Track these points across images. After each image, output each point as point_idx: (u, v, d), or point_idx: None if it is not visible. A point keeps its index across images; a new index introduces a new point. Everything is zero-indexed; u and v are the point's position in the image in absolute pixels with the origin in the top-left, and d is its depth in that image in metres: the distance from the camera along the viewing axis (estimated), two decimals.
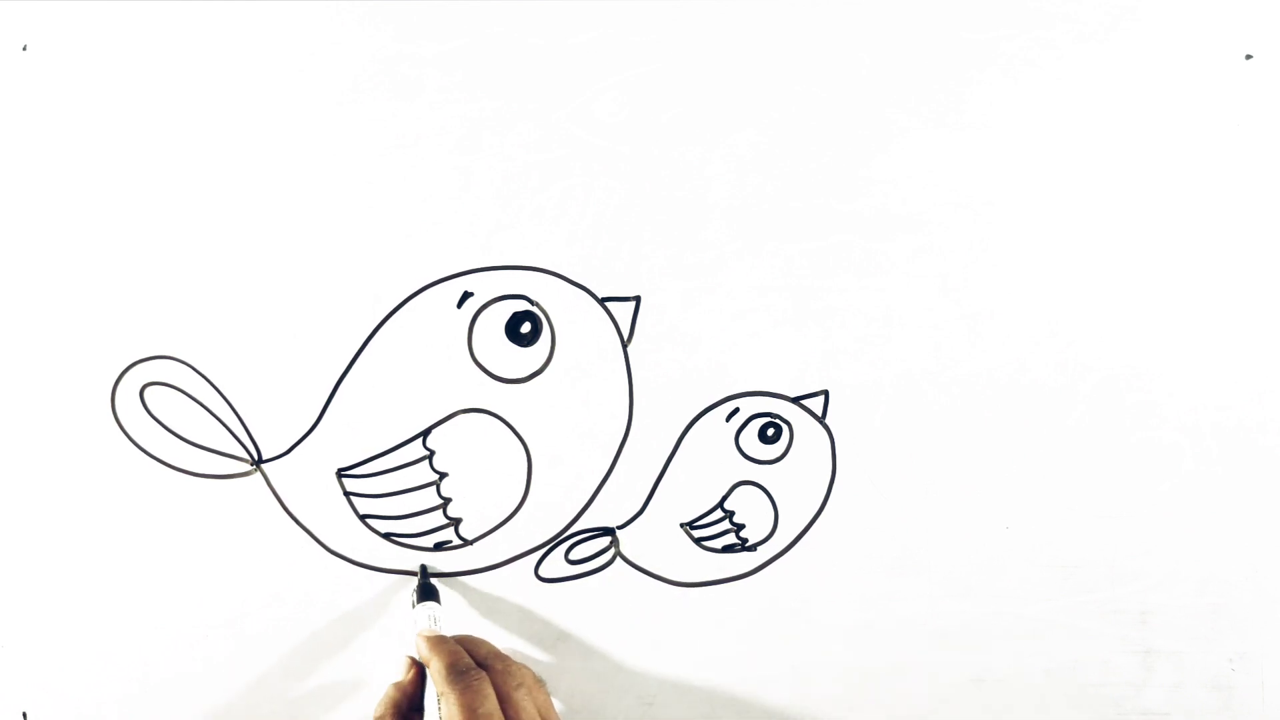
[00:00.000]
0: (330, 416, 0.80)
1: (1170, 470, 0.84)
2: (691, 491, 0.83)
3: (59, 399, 0.79)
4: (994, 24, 0.82)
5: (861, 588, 0.84)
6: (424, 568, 0.80)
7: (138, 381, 0.79)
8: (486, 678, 0.67)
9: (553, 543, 0.82)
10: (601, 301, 0.81)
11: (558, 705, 0.83)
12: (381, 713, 0.69)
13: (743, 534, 0.83)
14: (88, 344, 0.79)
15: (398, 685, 0.71)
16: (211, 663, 0.81)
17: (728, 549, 0.83)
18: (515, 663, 0.71)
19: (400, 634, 0.81)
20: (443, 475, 0.80)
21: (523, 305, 0.80)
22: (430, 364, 0.80)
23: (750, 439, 0.82)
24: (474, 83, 0.80)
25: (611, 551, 0.83)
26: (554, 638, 0.83)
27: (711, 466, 0.82)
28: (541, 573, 0.82)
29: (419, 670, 0.72)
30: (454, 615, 0.82)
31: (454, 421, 0.80)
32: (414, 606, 0.78)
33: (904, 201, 0.82)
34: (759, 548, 0.83)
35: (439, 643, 0.70)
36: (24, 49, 0.78)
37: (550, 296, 0.81)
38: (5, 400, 0.79)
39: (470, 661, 0.69)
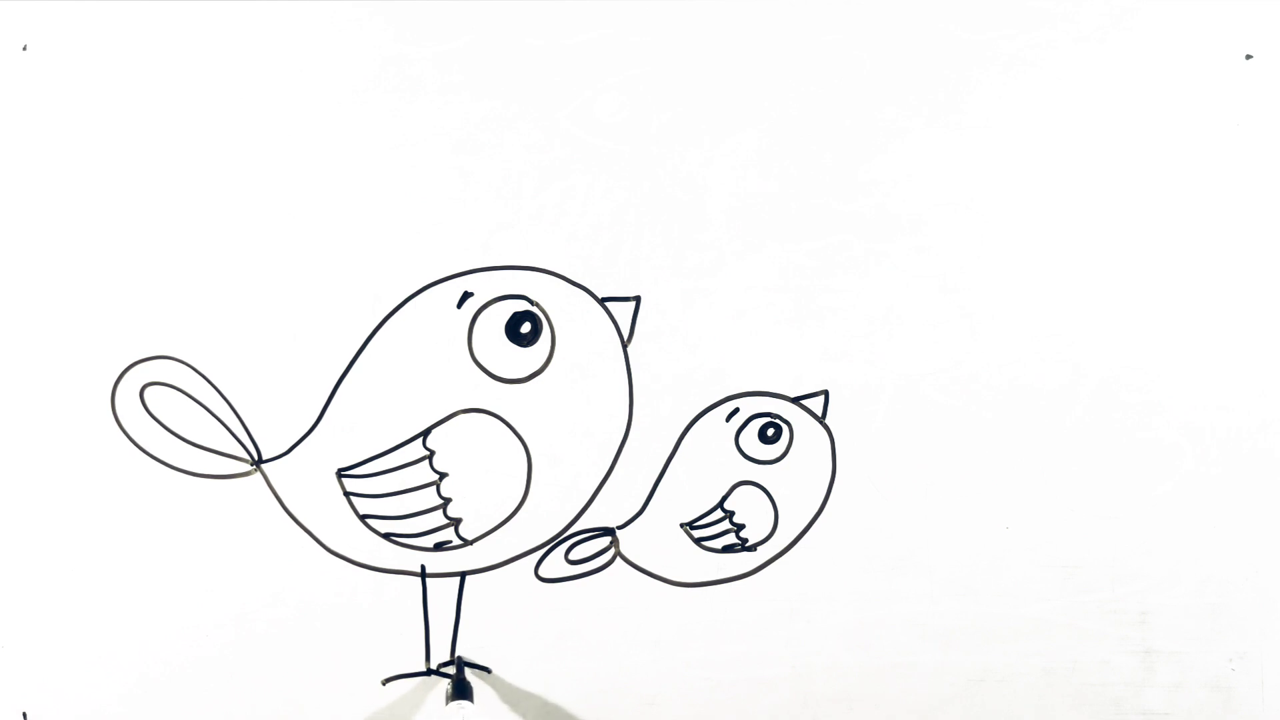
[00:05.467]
0: (330, 416, 0.80)
1: (1170, 470, 0.84)
2: (691, 491, 0.83)
3: (59, 399, 0.79)
4: (994, 24, 0.82)
5: (862, 588, 0.84)
6: (460, 660, 0.82)
7: (138, 381, 0.79)
8: None
9: (553, 543, 0.82)
10: (601, 301, 0.81)
11: (559, 706, 0.83)
12: None
13: (743, 534, 0.83)
14: (88, 344, 0.79)
15: None
16: (211, 663, 0.81)
17: (728, 549, 0.83)
18: None
19: None
20: (443, 475, 0.80)
21: (523, 305, 0.80)
22: (430, 364, 0.80)
23: (750, 439, 0.82)
24: (474, 83, 0.80)
25: (611, 551, 0.83)
26: (554, 637, 0.83)
27: (711, 466, 0.82)
28: (541, 573, 0.82)
29: None
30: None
31: (454, 421, 0.80)
32: (447, 703, 0.80)
33: (904, 201, 0.82)
34: (759, 548, 0.83)
35: None
36: (24, 49, 0.78)
37: (550, 296, 0.81)
38: (5, 400, 0.79)
39: None
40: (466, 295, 0.80)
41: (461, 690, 0.79)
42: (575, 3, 0.80)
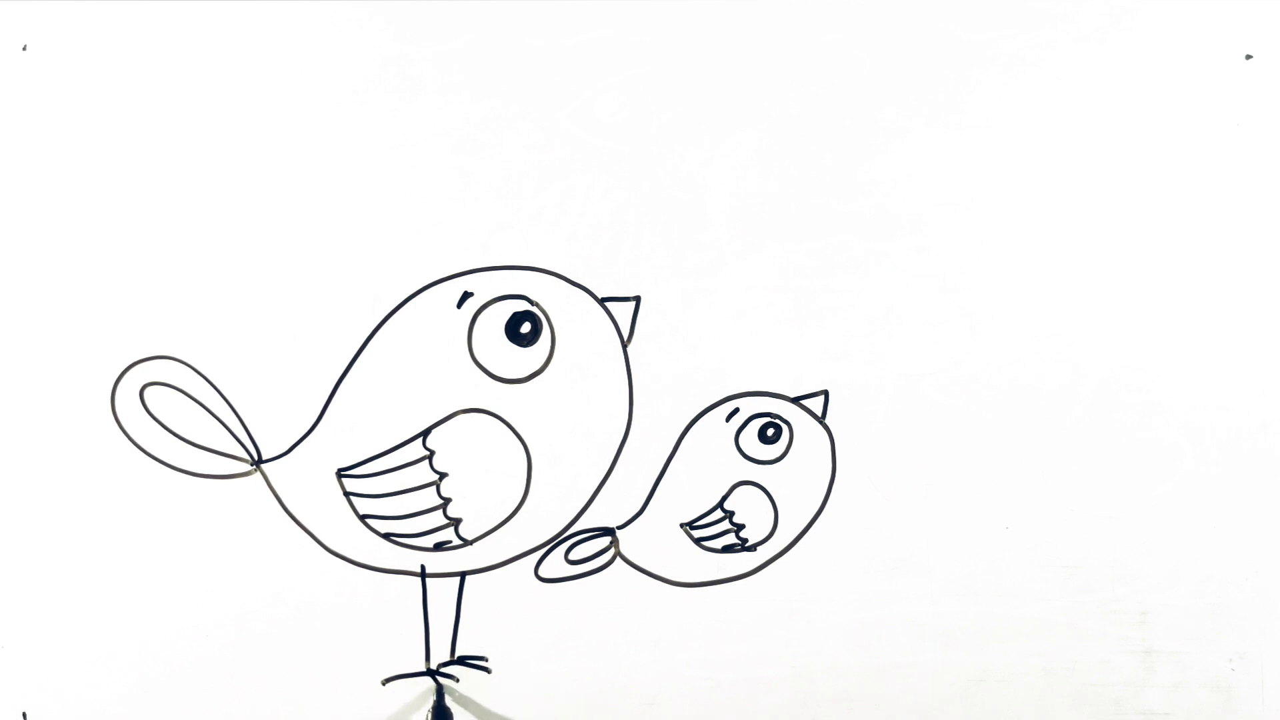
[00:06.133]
0: (330, 416, 0.80)
1: (1170, 470, 0.84)
2: (691, 491, 0.83)
3: (59, 399, 0.79)
4: (993, 24, 0.82)
5: (862, 588, 0.84)
6: (440, 689, 0.81)
7: (138, 381, 0.79)
8: None
9: (553, 543, 0.82)
10: (601, 301, 0.81)
11: (559, 706, 0.83)
12: None
13: (743, 534, 0.83)
14: (88, 344, 0.79)
15: None
16: (211, 663, 0.81)
17: (728, 549, 0.83)
18: None
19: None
20: (443, 475, 0.80)
21: (523, 305, 0.80)
22: (430, 364, 0.80)
23: (750, 439, 0.82)
24: (474, 83, 0.80)
25: (611, 551, 0.83)
26: (554, 637, 0.83)
27: (711, 466, 0.82)
28: (541, 573, 0.82)
29: None
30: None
31: (454, 421, 0.80)
32: None
33: (904, 201, 0.82)
34: (759, 548, 0.83)
35: None
36: (24, 49, 0.78)
37: (550, 296, 0.81)
38: (5, 400, 0.79)
39: None
40: (466, 295, 0.80)
41: (442, 715, 0.80)
42: (575, 3, 0.80)
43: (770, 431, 0.82)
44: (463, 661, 0.82)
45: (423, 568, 0.81)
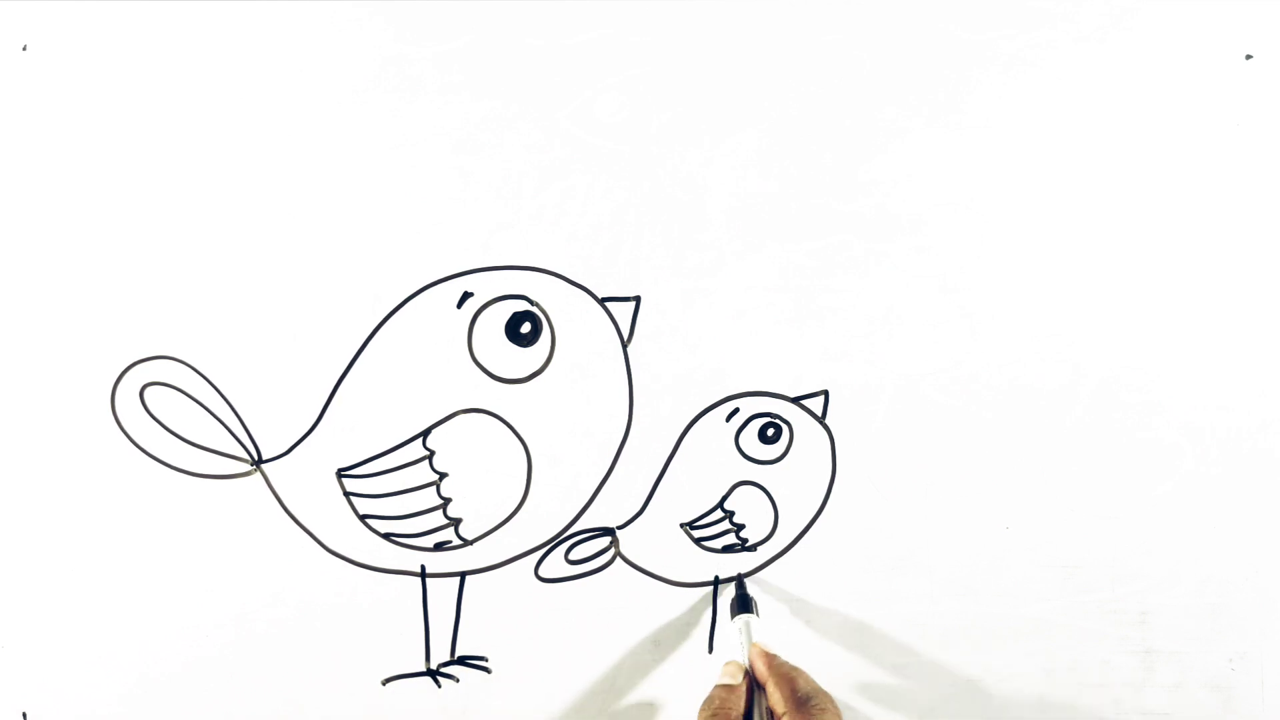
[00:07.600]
0: (330, 416, 0.80)
1: (1170, 470, 0.84)
2: (691, 491, 0.83)
3: (59, 399, 0.79)
4: (993, 24, 0.82)
5: (861, 588, 0.84)
6: (740, 578, 0.82)
7: (138, 381, 0.79)
8: (830, 710, 0.68)
9: (553, 543, 0.82)
10: (601, 301, 0.81)
11: (559, 706, 0.83)
12: (711, 712, 0.70)
13: (743, 534, 0.83)
14: (88, 344, 0.79)
15: (730, 688, 0.72)
16: (212, 663, 0.81)
17: (728, 549, 0.83)
18: (834, 701, 0.72)
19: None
20: (443, 475, 0.80)
21: (523, 305, 0.80)
22: (430, 364, 0.80)
23: (750, 439, 0.82)
24: (474, 83, 0.80)
25: (611, 551, 0.83)
26: (554, 637, 0.83)
27: (711, 466, 0.82)
28: (541, 573, 0.82)
29: (750, 681, 0.73)
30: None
31: (454, 421, 0.80)
32: (732, 618, 0.79)
33: (904, 201, 0.82)
34: (759, 548, 0.83)
35: (775, 665, 0.72)
36: (24, 49, 0.78)
37: (550, 296, 0.81)
38: (5, 400, 0.79)
39: (809, 689, 0.70)
40: (466, 295, 0.80)
41: (745, 603, 0.79)
42: (575, 3, 0.80)
43: (770, 431, 0.82)
44: (463, 661, 0.82)
45: (423, 568, 0.81)
